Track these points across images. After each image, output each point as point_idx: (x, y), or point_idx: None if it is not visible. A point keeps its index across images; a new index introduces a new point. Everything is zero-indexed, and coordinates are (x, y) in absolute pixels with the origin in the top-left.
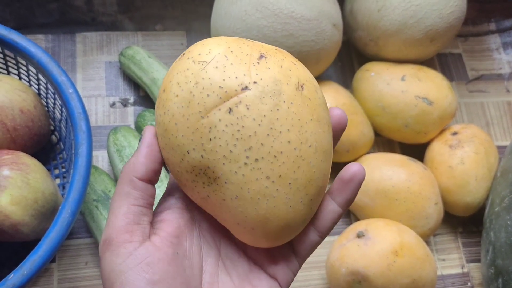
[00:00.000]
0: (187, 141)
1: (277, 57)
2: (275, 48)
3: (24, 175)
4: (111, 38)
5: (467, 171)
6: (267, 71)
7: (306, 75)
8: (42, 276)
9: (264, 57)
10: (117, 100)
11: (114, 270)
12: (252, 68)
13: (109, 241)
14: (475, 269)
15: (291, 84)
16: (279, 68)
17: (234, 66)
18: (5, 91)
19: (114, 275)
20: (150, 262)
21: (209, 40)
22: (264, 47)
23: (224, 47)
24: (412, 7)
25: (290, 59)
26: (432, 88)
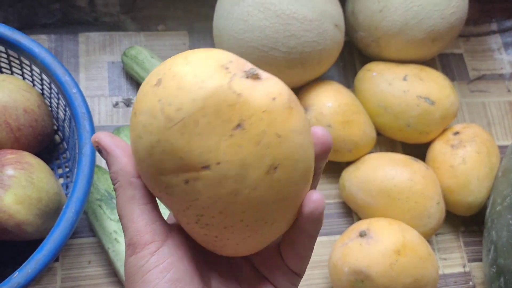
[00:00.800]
0: (151, 178)
1: (259, 128)
2: (263, 111)
3: (28, 174)
4: (114, 38)
5: (469, 170)
6: (237, 150)
7: (286, 151)
8: (45, 275)
9: (242, 128)
10: (120, 100)
11: (137, 271)
12: (222, 143)
13: (133, 246)
14: (476, 269)
15: (261, 167)
16: (254, 146)
17: (201, 138)
18: (9, 91)
19: (137, 276)
20: (171, 261)
21: (187, 82)
22: (250, 109)
23: (199, 104)
24: (413, 7)
25: (276, 128)
26: (434, 88)
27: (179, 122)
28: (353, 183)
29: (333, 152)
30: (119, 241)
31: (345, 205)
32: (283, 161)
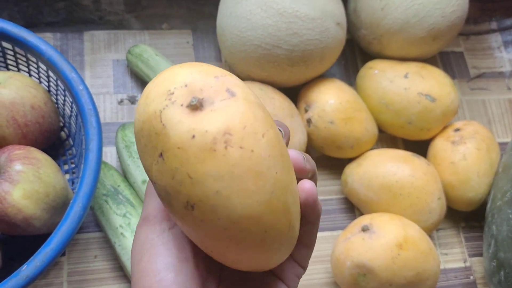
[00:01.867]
0: None
1: (172, 164)
2: (178, 147)
3: (35, 169)
4: (119, 37)
5: (469, 167)
6: (161, 178)
7: (199, 194)
8: (52, 269)
9: (162, 158)
10: (125, 97)
11: (146, 243)
12: (153, 166)
13: (147, 218)
14: (477, 263)
15: (180, 200)
16: (170, 179)
17: (143, 155)
18: (16, 87)
19: (145, 248)
20: (181, 243)
21: (140, 103)
22: (168, 142)
23: (139, 126)
24: (415, 5)
25: (187, 169)
26: (435, 86)
27: (135, 134)
28: (355, 179)
29: (335, 148)
30: (125, 236)
31: (347, 200)
32: (199, 202)
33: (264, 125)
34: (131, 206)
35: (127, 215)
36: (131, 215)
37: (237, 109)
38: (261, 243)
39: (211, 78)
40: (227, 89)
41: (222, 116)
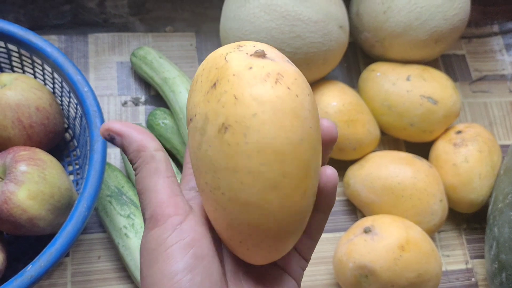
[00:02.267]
0: None
1: (223, 88)
2: (233, 74)
3: (41, 170)
4: (123, 39)
5: (471, 169)
6: (206, 105)
7: (237, 113)
8: (56, 270)
9: (214, 87)
10: (129, 99)
11: (159, 245)
12: (200, 98)
13: (155, 218)
14: (479, 265)
15: (215, 124)
16: (215, 103)
17: (194, 94)
18: (21, 89)
19: (160, 249)
20: (194, 237)
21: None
22: (225, 71)
23: (202, 67)
24: (417, 9)
25: (236, 91)
26: (437, 88)
27: (194, 78)
28: (357, 180)
29: (337, 150)
30: (129, 236)
31: (350, 202)
32: (234, 123)
33: (309, 89)
34: (135, 207)
35: (131, 216)
36: (135, 216)
37: (292, 68)
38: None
39: (275, 50)
40: (287, 60)
41: (279, 65)
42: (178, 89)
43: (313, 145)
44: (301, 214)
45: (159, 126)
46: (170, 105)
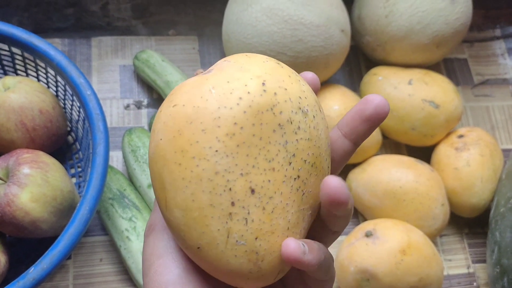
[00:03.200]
0: None
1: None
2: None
3: (43, 173)
4: (126, 43)
5: (473, 173)
6: None
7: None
8: (58, 272)
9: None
10: (131, 102)
11: (154, 253)
12: None
13: (153, 227)
14: (480, 270)
15: None
16: None
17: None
18: (25, 92)
19: (153, 258)
20: None
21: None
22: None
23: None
24: (419, 13)
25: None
26: (439, 92)
27: None
28: (359, 184)
29: None
30: (130, 239)
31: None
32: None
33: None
34: (136, 210)
35: (132, 219)
36: (137, 219)
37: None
38: None
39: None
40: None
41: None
42: None
43: (164, 157)
44: (172, 226)
45: None
46: None
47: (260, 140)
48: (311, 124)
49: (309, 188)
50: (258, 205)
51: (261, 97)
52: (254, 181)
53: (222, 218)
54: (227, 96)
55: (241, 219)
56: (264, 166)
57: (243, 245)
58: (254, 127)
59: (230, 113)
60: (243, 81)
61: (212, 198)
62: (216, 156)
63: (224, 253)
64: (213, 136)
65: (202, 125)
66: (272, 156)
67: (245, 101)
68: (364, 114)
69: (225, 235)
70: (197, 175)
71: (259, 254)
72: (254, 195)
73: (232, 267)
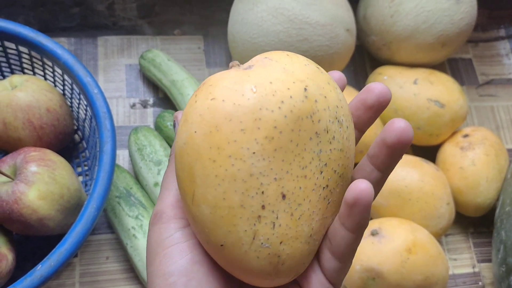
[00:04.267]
0: None
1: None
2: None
3: (51, 171)
4: (131, 42)
5: (478, 172)
6: None
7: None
8: (65, 270)
9: None
10: (137, 101)
11: (160, 243)
12: None
13: (160, 215)
14: (486, 269)
15: None
16: None
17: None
18: (32, 91)
19: (159, 248)
20: (194, 244)
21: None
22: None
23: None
24: (424, 12)
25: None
26: (444, 92)
27: None
28: None
29: None
30: (137, 237)
31: None
32: None
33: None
34: (143, 208)
35: (139, 217)
36: (143, 217)
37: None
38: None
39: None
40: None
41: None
42: (186, 92)
43: (197, 151)
44: (197, 221)
45: (167, 128)
46: (178, 107)
47: (296, 147)
48: (345, 134)
49: (334, 197)
50: (287, 210)
51: (303, 103)
52: (286, 186)
53: (250, 219)
54: (270, 98)
55: (269, 223)
56: (297, 172)
57: (267, 248)
58: (292, 132)
59: (271, 116)
60: (286, 84)
61: (244, 199)
62: (253, 158)
63: (247, 253)
64: (252, 137)
65: (241, 125)
66: (306, 163)
67: (287, 105)
68: (366, 103)
69: (251, 236)
70: (232, 174)
71: (281, 257)
72: (285, 201)
73: (252, 267)
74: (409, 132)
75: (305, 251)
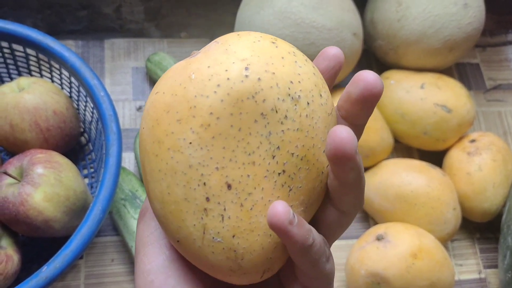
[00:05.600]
0: None
1: None
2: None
3: (57, 173)
4: (138, 45)
5: (485, 177)
6: None
7: None
8: (70, 272)
9: None
10: (143, 104)
11: (142, 240)
12: None
13: (144, 213)
14: (492, 275)
15: None
16: None
17: None
18: (39, 93)
19: (140, 245)
20: None
21: None
22: None
23: None
24: (431, 17)
25: None
26: (451, 96)
27: None
28: (370, 188)
29: None
30: None
31: (362, 209)
32: None
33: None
34: None
35: None
36: None
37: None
38: None
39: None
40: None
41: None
42: None
43: (145, 147)
44: (156, 216)
45: None
46: None
47: (239, 132)
48: (303, 112)
49: (298, 183)
50: (235, 201)
51: (242, 84)
52: (231, 175)
53: (197, 213)
54: (205, 83)
55: (217, 216)
56: (242, 159)
57: (220, 242)
58: (232, 117)
59: (206, 102)
60: (225, 66)
61: (187, 192)
62: (190, 149)
63: (202, 249)
64: (187, 127)
65: (177, 115)
66: (252, 149)
67: (223, 88)
68: (351, 97)
69: (201, 231)
70: (172, 167)
71: (237, 252)
72: (231, 191)
73: (212, 263)
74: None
75: (267, 244)
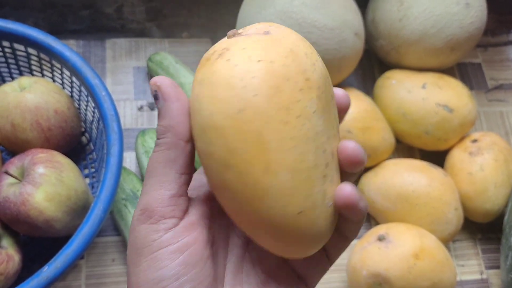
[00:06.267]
0: None
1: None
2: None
3: (58, 173)
4: (139, 45)
5: (486, 177)
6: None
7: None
8: (71, 272)
9: None
10: (145, 104)
11: (147, 245)
12: None
13: (149, 213)
14: (494, 276)
15: None
16: None
17: None
18: (41, 92)
19: (145, 250)
20: (186, 242)
21: None
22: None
23: None
24: (433, 17)
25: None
26: (453, 96)
27: None
28: (371, 188)
29: None
30: None
31: None
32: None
33: (274, 56)
34: None
35: None
36: None
37: (253, 38)
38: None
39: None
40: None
41: (237, 39)
42: None
43: (264, 114)
44: (273, 193)
45: None
46: None
47: (326, 105)
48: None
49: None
50: (335, 168)
51: (323, 67)
52: (334, 145)
53: (321, 179)
54: (305, 59)
55: (329, 181)
56: (332, 132)
57: (331, 207)
58: (324, 93)
59: (314, 76)
60: (306, 49)
61: (316, 158)
62: (315, 117)
63: (319, 217)
64: (309, 96)
65: (298, 85)
66: (332, 123)
67: (316, 67)
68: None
69: (323, 197)
70: (304, 134)
71: (334, 219)
72: (334, 158)
73: (318, 230)
74: (359, 154)
75: (334, 217)
